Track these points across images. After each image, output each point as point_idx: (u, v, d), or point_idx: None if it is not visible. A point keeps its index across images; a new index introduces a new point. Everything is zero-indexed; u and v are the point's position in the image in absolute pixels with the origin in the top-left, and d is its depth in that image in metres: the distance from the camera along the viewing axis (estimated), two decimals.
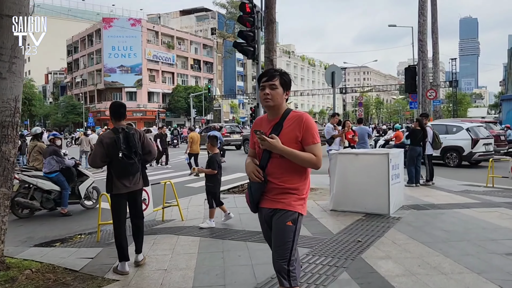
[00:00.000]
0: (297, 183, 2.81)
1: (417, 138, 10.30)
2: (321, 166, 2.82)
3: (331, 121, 11.18)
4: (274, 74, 2.86)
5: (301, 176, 2.83)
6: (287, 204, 2.78)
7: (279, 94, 2.84)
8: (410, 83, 11.89)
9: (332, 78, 12.50)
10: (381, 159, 7.11)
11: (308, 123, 2.77)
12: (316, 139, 2.77)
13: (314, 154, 2.76)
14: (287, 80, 2.90)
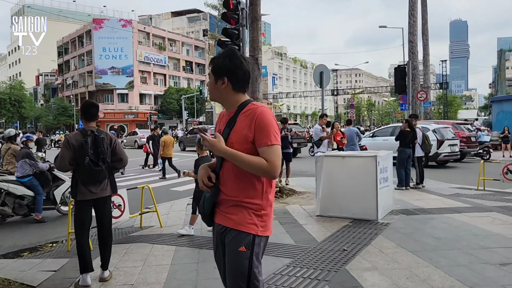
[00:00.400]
0: (253, 195, 2.22)
1: (407, 140, 10.00)
2: (278, 174, 2.27)
3: (319, 122, 10.86)
4: (211, 62, 2.35)
5: (257, 186, 2.23)
6: (239, 223, 2.21)
7: (212, 84, 2.32)
8: (400, 83, 11.60)
9: (320, 78, 12.19)
10: (368, 162, 6.78)
11: (261, 120, 2.16)
12: (271, 140, 2.15)
13: (266, 159, 2.14)
14: (220, 65, 2.28)
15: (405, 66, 11.70)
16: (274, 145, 2.16)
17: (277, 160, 2.16)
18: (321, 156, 7.19)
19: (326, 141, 10.52)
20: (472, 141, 17.55)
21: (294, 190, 9.69)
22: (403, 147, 10.03)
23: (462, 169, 16.03)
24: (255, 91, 9.54)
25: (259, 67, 9.59)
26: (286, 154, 11.31)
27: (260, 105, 2.24)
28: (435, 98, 61.53)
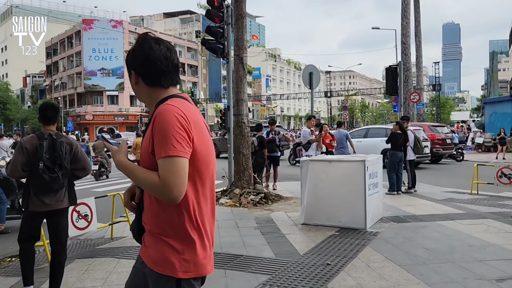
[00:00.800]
0: (167, 224, 1.70)
1: (398, 142, 9.62)
2: (179, 196, 1.63)
3: (308, 124, 10.48)
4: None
5: (174, 214, 1.70)
6: (156, 261, 1.70)
7: (132, 82, 1.89)
8: (391, 84, 11.23)
9: (310, 79, 11.81)
10: (356, 166, 6.38)
11: (158, 123, 1.66)
12: (167, 150, 1.61)
13: (159, 175, 1.62)
14: (130, 59, 1.86)
15: (396, 66, 11.32)
16: (171, 157, 1.60)
17: (172, 177, 1.59)
18: (307, 161, 6.78)
19: (314, 144, 10.13)
20: (448, 143, 17.62)
21: (281, 196, 9.28)
22: (395, 150, 9.66)
23: (452, 171, 15.73)
24: (240, 92, 9.14)
25: (244, 66, 9.18)
26: (273, 158, 10.91)
27: (164, 106, 1.69)
28: (428, 100, 61.46)
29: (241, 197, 8.76)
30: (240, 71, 9.15)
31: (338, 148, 11.67)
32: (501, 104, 24.75)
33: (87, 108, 61.08)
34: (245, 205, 8.40)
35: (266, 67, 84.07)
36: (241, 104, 9.08)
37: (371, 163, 6.57)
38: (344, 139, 11.66)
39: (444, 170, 16.45)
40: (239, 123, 9.07)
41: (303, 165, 6.80)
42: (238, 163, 9.06)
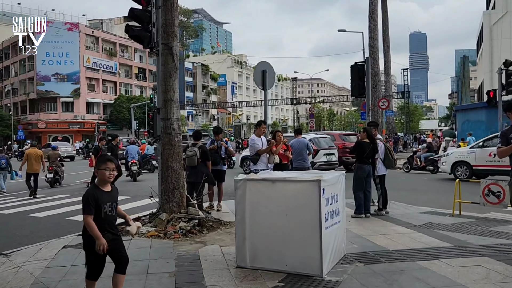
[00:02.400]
0: None
1: (365, 154, 7.99)
2: None
3: (257, 131, 8.73)
4: None
5: None
6: None
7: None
8: (357, 84, 9.62)
9: (262, 78, 10.11)
10: (308, 189, 4.66)
11: None
12: None
13: None
14: None
15: (363, 63, 9.77)
16: None
17: None
18: (242, 180, 5.00)
19: (265, 155, 8.39)
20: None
21: (221, 221, 7.46)
22: (361, 163, 8.02)
23: (427, 185, 14.35)
24: (168, 91, 7.30)
25: (174, 58, 7.36)
26: (218, 172, 9.10)
27: None
28: (396, 108, 61.32)
29: (168, 224, 6.90)
30: (169, 64, 7.32)
31: (297, 160, 10.03)
32: (475, 112, 23.85)
33: (39, 115, 57.71)
34: (171, 235, 6.53)
35: (232, 73, 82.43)
36: (170, 105, 7.25)
37: (329, 183, 4.86)
38: (304, 149, 10.03)
39: (417, 183, 15.06)
40: (167, 129, 7.23)
41: (238, 185, 5.02)
42: (167, 181, 7.20)
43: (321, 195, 4.59)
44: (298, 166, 10.10)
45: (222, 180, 9.23)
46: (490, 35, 42.33)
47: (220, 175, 9.13)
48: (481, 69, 45.93)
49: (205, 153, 8.56)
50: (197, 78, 77.33)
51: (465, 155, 14.59)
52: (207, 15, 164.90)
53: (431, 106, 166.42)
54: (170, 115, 7.22)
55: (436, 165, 17.51)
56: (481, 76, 45.44)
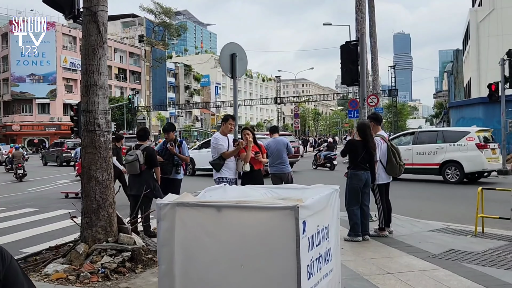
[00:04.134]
0: None
1: (359, 157, 6.00)
2: None
3: (222, 128, 6.67)
4: None
5: None
6: None
7: None
8: (350, 69, 7.60)
9: (231, 63, 8.07)
10: (278, 222, 2.64)
11: None
12: None
13: None
14: None
15: (356, 43, 7.82)
16: None
17: None
18: (169, 205, 2.94)
19: (232, 160, 6.36)
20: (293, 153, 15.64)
21: None
22: (356, 169, 6.02)
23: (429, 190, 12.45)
24: (91, 72, 5.20)
25: (99, 28, 5.25)
26: (170, 182, 7.04)
27: None
28: (383, 107, 59.81)
29: (87, 259, 4.81)
30: (92, 36, 5.23)
31: (274, 164, 8.07)
32: (470, 108, 22.05)
33: (14, 117, 54.80)
34: (86, 278, 4.44)
35: (215, 74, 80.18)
36: (93, 92, 5.15)
37: (314, 209, 2.84)
38: (283, 150, 8.07)
39: (415, 189, 13.17)
40: (89, 125, 5.13)
41: (162, 214, 2.96)
42: (89, 197, 5.10)
43: (301, 232, 2.58)
44: (277, 172, 8.16)
45: (176, 193, 7.15)
46: (477, 32, 41.10)
47: (173, 186, 7.06)
48: (468, 67, 44.58)
49: (151, 158, 6.49)
50: (180, 78, 75.00)
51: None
52: (192, 17, 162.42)
53: (416, 105, 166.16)
54: (93, 106, 5.13)
55: (333, 162, 19.52)
56: (468, 74, 44.08)
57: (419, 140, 13.87)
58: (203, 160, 14.21)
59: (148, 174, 6.52)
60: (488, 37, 39.68)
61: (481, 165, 12.75)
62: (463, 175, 12.78)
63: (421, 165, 13.37)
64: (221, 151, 6.28)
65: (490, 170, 13.52)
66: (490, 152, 12.88)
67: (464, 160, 12.61)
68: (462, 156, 12.58)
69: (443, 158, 12.95)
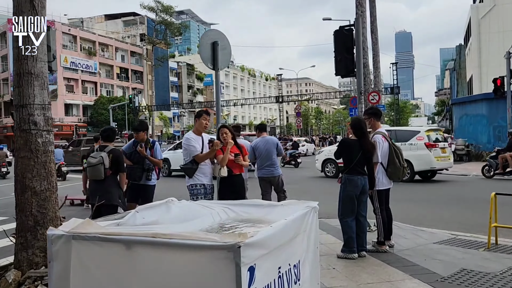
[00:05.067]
0: None
1: (355, 159, 5.02)
2: None
3: (196, 127, 5.70)
4: None
5: None
6: None
7: None
8: (344, 58, 6.63)
9: (213, 53, 7.13)
10: (209, 268, 1.67)
11: None
12: None
13: None
14: None
15: (351, 28, 6.77)
16: None
17: None
18: (63, 238, 2.00)
19: (207, 163, 5.41)
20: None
21: None
22: (350, 173, 5.04)
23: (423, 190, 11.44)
24: (25, 57, 4.24)
25: (33, 3, 4.30)
26: (140, 189, 6.11)
27: None
28: (385, 105, 58.65)
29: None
30: (24, 12, 4.28)
31: (263, 166, 7.16)
32: (474, 105, 20.95)
33: None
34: None
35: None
36: (27, 82, 4.21)
37: (272, 244, 1.88)
38: (272, 151, 7.15)
39: (409, 190, 12.18)
40: (23, 123, 4.20)
41: (54, 250, 2.02)
42: (23, 212, 4.17)
43: (245, 284, 1.62)
44: (266, 175, 7.24)
45: (149, 201, 6.21)
46: (478, 29, 40.07)
47: (144, 194, 6.13)
48: (470, 64, 43.44)
49: (117, 162, 5.52)
50: (183, 78, 74.14)
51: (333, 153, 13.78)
52: (195, 16, 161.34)
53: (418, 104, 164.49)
54: (27, 99, 4.19)
55: (297, 160, 20.57)
56: (470, 71, 42.95)
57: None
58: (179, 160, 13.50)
59: (113, 181, 5.56)
60: (490, 33, 38.63)
61: (430, 164, 12.91)
62: (414, 174, 12.94)
63: None
64: (194, 154, 5.32)
65: (439, 168, 13.63)
66: (440, 151, 13.06)
67: (414, 159, 12.58)
68: (412, 155, 12.43)
69: None
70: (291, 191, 11.52)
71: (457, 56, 46.42)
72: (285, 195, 7.39)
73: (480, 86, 36.26)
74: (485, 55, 38.24)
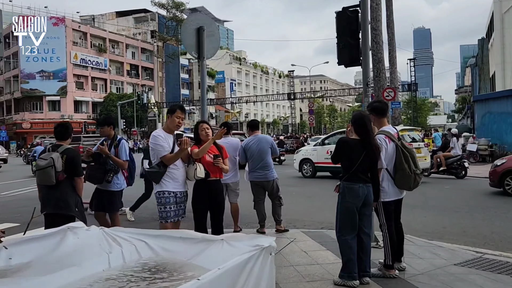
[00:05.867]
0: None
1: (355, 162, 4.09)
2: None
3: (167, 123, 4.84)
4: None
5: None
6: None
7: None
8: (348, 44, 5.70)
9: (198, 40, 6.28)
10: None
11: None
12: None
13: None
14: None
15: (356, 9, 5.76)
16: None
17: None
18: None
19: (177, 167, 4.57)
20: None
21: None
22: (350, 181, 4.11)
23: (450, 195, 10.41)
24: None
25: None
26: (103, 195, 5.31)
27: None
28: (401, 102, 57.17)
29: None
30: None
31: (255, 169, 6.35)
32: (498, 102, 19.69)
33: (24, 115, 54.17)
34: None
35: (230, 70, 78.47)
36: None
37: None
38: (265, 151, 6.35)
39: (426, 194, 11.14)
40: None
41: None
42: None
43: None
44: (258, 179, 6.42)
45: (114, 210, 5.39)
46: (501, 24, 38.58)
47: (107, 202, 5.31)
48: (492, 60, 41.83)
49: (72, 164, 4.68)
50: (194, 75, 73.51)
51: (309, 153, 14.92)
52: (209, 13, 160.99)
53: (437, 102, 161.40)
54: None
55: (280, 158, 20.60)
56: (493, 68, 41.33)
57: None
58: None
59: (68, 186, 4.73)
60: None
61: None
62: None
63: None
64: (161, 155, 4.48)
65: None
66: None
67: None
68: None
69: None
70: (293, 195, 10.72)
71: (480, 50, 44.73)
72: (280, 202, 6.55)
73: (503, 82, 34.78)
74: (508, 51, 36.75)
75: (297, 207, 9.00)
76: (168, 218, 4.51)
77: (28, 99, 54.42)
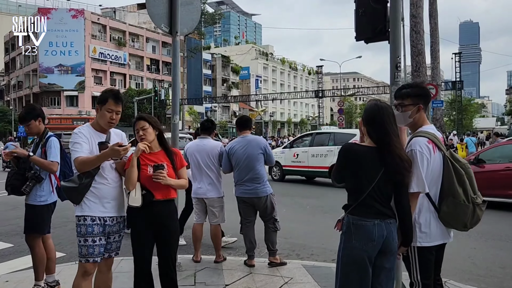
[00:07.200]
0: None
1: (368, 184, 2.60)
2: None
3: (95, 119, 3.48)
4: None
5: None
6: None
7: None
8: (371, 10, 4.27)
9: (170, 9, 4.98)
10: None
11: None
12: None
13: None
14: None
15: None
16: None
17: None
18: None
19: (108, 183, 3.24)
20: None
21: None
22: (358, 214, 2.60)
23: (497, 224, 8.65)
24: None
25: None
26: (28, 210, 4.03)
27: None
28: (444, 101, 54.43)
29: None
30: None
31: (242, 181, 5.10)
32: None
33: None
34: None
35: (256, 66, 77.24)
36: None
37: None
38: (256, 157, 4.98)
39: None
40: None
41: None
42: None
43: None
44: (246, 196, 5.05)
45: (34, 231, 4.11)
46: None
47: (27, 217, 4.07)
48: None
49: None
50: (217, 71, 72.74)
51: (278, 156, 14.78)
52: (236, 7, 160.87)
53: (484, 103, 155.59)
54: None
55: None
56: None
57: (315, 142, 14.39)
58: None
59: None
60: None
61: None
62: None
63: (315, 168, 13.91)
64: (74, 156, 3.17)
65: None
66: None
67: None
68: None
69: (331, 161, 12.76)
70: (307, 210, 9.27)
71: None
72: (275, 226, 5.15)
73: None
74: None
75: (307, 226, 7.58)
76: (89, 256, 3.21)
77: (46, 94, 54.84)
